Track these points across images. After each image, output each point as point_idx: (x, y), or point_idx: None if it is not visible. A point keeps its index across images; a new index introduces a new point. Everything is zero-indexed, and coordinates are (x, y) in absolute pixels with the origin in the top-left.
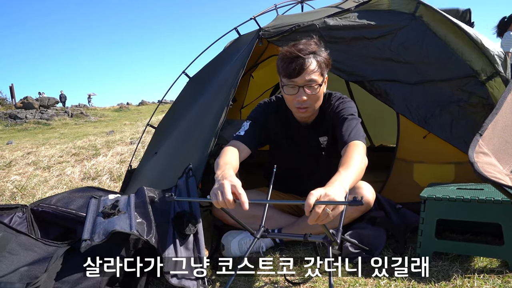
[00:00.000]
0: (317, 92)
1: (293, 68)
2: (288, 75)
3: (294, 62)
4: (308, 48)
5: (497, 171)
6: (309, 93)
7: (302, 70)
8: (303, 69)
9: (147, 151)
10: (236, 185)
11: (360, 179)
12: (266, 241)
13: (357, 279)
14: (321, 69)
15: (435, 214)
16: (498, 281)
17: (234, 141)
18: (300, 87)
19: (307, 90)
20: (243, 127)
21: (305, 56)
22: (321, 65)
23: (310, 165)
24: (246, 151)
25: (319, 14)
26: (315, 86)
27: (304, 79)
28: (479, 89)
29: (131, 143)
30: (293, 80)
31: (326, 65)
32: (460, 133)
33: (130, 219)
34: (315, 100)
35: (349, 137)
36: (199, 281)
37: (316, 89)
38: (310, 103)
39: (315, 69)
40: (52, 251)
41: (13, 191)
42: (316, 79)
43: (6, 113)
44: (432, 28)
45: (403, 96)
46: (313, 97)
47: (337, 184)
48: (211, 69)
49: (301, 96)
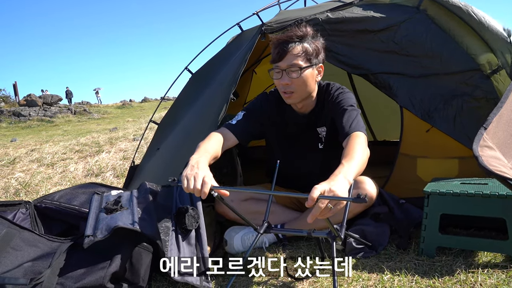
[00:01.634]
0: (299, 76)
1: (277, 52)
2: (273, 60)
3: (279, 46)
4: (295, 34)
5: (502, 165)
6: (292, 77)
7: (285, 54)
8: (286, 53)
9: (150, 147)
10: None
11: (363, 170)
12: (269, 236)
13: (360, 274)
14: (307, 54)
15: (438, 209)
16: (502, 276)
17: (223, 129)
18: (283, 71)
19: (289, 74)
20: (236, 117)
21: (290, 40)
22: (308, 50)
23: (309, 158)
24: (233, 140)
25: (322, 8)
26: (296, 71)
27: (286, 63)
28: (484, 83)
29: (134, 139)
30: (277, 65)
31: (316, 53)
32: (464, 127)
33: (132, 215)
34: (299, 84)
35: (350, 128)
36: (202, 277)
37: (299, 73)
38: (294, 88)
39: (299, 54)
40: (55, 246)
41: (17, 187)
42: (299, 63)
43: (10, 111)
44: (437, 21)
45: (407, 89)
46: (296, 81)
47: (340, 177)
48: (214, 65)
49: (284, 79)
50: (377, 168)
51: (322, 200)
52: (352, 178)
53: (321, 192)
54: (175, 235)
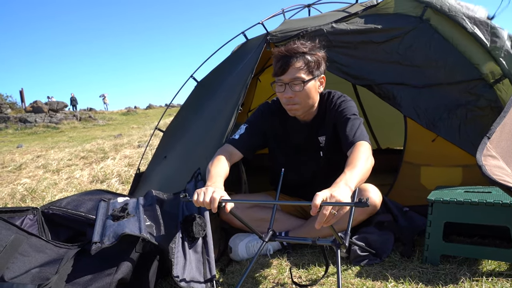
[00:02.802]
0: (302, 89)
1: (279, 67)
2: (275, 73)
3: (281, 60)
4: (296, 48)
5: (505, 174)
6: (295, 91)
7: (287, 68)
8: (288, 66)
9: (156, 154)
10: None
11: (366, 178)
12: (273, 243)
13: (364, 282)
14: (309, 67)
15: (442, 217)
16: (507, 285)
17: (227, 145)
18: (286, 85)
19: (292, 88)
20: (239, 131)
21: (291, 55)
22: (310, 64)
23: (310, 166)
24: (238, 155)
25: (326, 18)
26: (300, 84)
27: (289, 77)
28: (487, 92)
29: (138, 146)
30: (279, 78)
31: (318, 64)
32: (468, 136)
33: (139, 222)
34: (303, 97)
35: (354, 137)
36: (208, 284)
37: (302, 86)
38: (298, 101)
39: (301, 67)
40: (62, 253)
41: (23, 193)
42: (301, 77)
43: (16, 117)
44: (440, 31)
45: (411, 99)
46: (299, 94)
47: (342, 184)
48: (219, 73)
49: (287, 93)
50: (381, 176)
51: (325, 207)
52: (354, 185)
53: (323, 198)
54: (181, 242)
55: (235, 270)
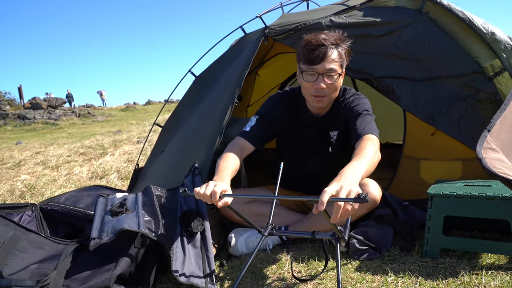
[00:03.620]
0: (335, 81)
1: (316, 55)
2: (310, 61)
3: (317, 49)
4: (332, 38)
5: (505, 167)
6: (328, 82)
7: (324, 58)
8: (325, 57)
9: (154, 150)
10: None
11: (372, 171)
12: (272, 238)
13: (364, 276)
14: (341, 60)
15: (442, 211)
16: (506, 278)
17: (238, 138)
18: (320, 75)
19: (326, 79)
20: (250, 122)
21: (328, 45)
22: (342, 56)
23: (317, 161)
24: (249, 147)
25: (325, 11)
26: (334, 76)
27: (324, 67)
28: (487, 85)
29: (138, 142)
30: (313, 67)
31: (346, 59)
32: (468, 129)
33: (138, 218)
34: (333, 90)
35: (363, 130)
36: (207, 279)
37: (335, 79)
38: (327, 92)
39: (336, 59)
40: (61, 249)
41: (22, 190)
42: (336, 69)
43: (15, 114)
44: (439, 24)
45: (410, 93)
46: (331, 86)
47: (349, 173)
48: (217, 67)
49: (320, 83)
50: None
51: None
52: (361, 175)
53: (332, 194)
54: (180, 238)
55: (234, 265)
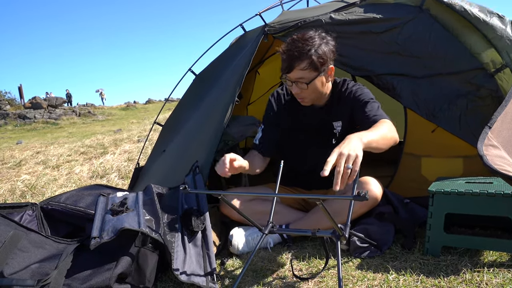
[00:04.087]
0: (306, 88)
1: (285, 66)
2: (282, 70)
3: (287, 60)
4: (302, 47)
5: (506, 164)
6: (301, 88)
7: (292, 68)
8: (293, 67)
9: (155, 148)
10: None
11: (384, 146)
12: (274, 236)
13: (365, 274)
14: (313, 66)
15: (443, 208)
16: (508, 275)
17: (252, 151)
18: (293, 82)
19: (298, 85)
20: (258, 135)
21: (296, 56)
22: (313, 62)
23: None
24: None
25: (325, 9)
26: (304, 83)
27: (294, 76)
28: (488, 82)
29: (138, 141)
30: (286, 75)
31: (323, 61)
32: (469, 126)
33: (138, 217)
34: (309, 92)
35: (376, 116)
36: (208, 277)
37: (305, 85)
38: (304, 95)
39: (305, 67)
40: (62, 248)
41: (23, 189)
42: (304, 77)
43: (15, 113)
44: (440, 20)
45: (411, 90)
46: (305, 91)
47: (353, 137)
48: (217, 66)
49: (295, 89)
50: (381, 167)
51: (339, 165)
52: (368, 140)
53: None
54: (181, 236)
55: (235, 263)
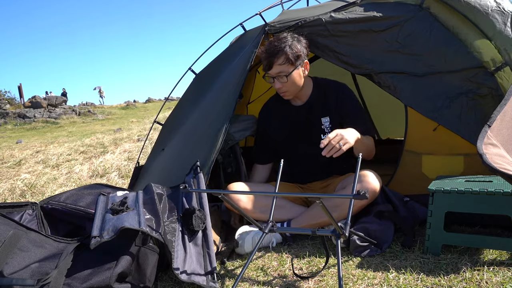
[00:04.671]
0: (287, 80)
1: (265, 65)
2: (264, 69)
3: (266, 59)
4: (277, 46)
5: (506, 162)
6: (282, 82)
7: (272, 65)
8: (272, 64)
9: (155, 148)
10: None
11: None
12: (276, 236)
13: (365, 273)
14: (289, 61)
15: (443, 207)
16: (508, 273)
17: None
18: (273, 78)
19: (279, 79)
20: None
21: (273, 54)
22: (289, 57)
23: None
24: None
25: (325, 8)
26: (284, 76)
27: (274, 72)
28: (488, 80)
29: (138, 140)
30: (268, 73)
31: (298, 56)
32: (469, 124)
33: (138, 216)
34: (290, 85)
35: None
36: (208, 276)
37: (286, 78)
38: (286, 89)
39: (283, 62)
40: (62, 247)
41: (23, 189)
42: (283, 70)
43: (15, 113)
44: (440, 19)
45: (411, 88)
46: (286, 84)
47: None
48: (218, 65)
49: (276, 85)
50: (382, 166)
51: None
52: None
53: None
54: (181, 235)
55: (235, 262)
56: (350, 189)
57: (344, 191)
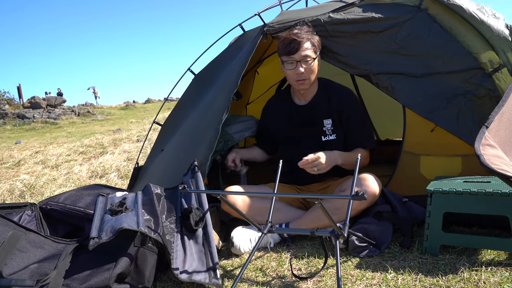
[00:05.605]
0: (311, 65)
1: (291, 47)
2: (288, 52)
3: (292, 42)
4: (303, 31)
5: (503, 163)
6: (305, 67)
7: (299, 48)
8: (300, 47)
9: (154, 148)
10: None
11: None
12: (274, 236)
13: (364, 273)
14: (314, 47)
15: (441, 207)
16: (506, 274)
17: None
18: (298, 62)
19: (303, 64)
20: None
21: (300, 38)
22: (314, 44)
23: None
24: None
25: (324, 8)
26: (309, 61)
27: (300, 55)
28: (486, 81)
29: (137, 140)
30: (291, 57)
31: (318, 46)
32: (467, 125)
33: (137, 216)
34: (310, 72)
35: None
36: (211, 273)
37: (310, 63)
38: (306, 76)
39: (309, 47)
40: (61, 248)
41: (22, 189)
42: (310, 54)
43: (14, 113)
44: (438, 20)
45: (409, 89)
46: (308, 69)
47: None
48: (216, 65)
49: (299, 69)
50: (380, 167)
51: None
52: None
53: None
54: (180, 236)
55: (234, 262)
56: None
57: (343, 193)
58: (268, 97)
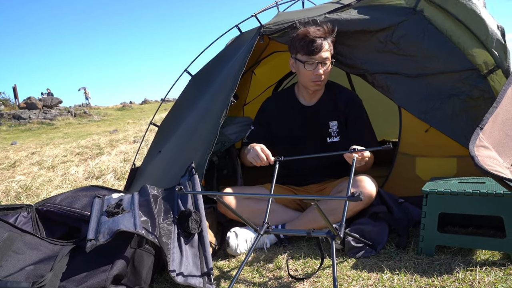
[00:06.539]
0: (331, 67)
1: (314, 48)
2: (309, 53)
3: (315, 42)
4: (322, 31)
5: (497, 165)
6: (324, 69)
7: (321, 50)
8: (322, 48)
9: (151, 149)
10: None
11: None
12: (270, 237)
13: (360, 273)
14: (331, 48)
15: (437, 208)
16: (500, 274)
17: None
18: (318, 63)
19: (322, 66)
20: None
21: (322, 37)
22: (331, 46)
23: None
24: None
25: (320, 10)
26: (328, 63)
27: (321, 56)
28: (481, 83)
29: (134, 141)
30: (312, 58)
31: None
32: (461, 127)
33: (134, 218)
34: (327, 74)
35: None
36: (205, 278)
37: (329, 65)
38: (325, 76)
39: (329, 49)
40: (57, 250)
41: (18, 191)
42: (329, 57)
43: (9, 114)
44: (433, 22)
45: (404, 89)
46: (326, 72)
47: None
48: (213, 67)
49: (318, 70)
50: (376, 167)
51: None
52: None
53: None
54: (177, 238)
55: (230, 264)
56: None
57: (339, 194)
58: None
